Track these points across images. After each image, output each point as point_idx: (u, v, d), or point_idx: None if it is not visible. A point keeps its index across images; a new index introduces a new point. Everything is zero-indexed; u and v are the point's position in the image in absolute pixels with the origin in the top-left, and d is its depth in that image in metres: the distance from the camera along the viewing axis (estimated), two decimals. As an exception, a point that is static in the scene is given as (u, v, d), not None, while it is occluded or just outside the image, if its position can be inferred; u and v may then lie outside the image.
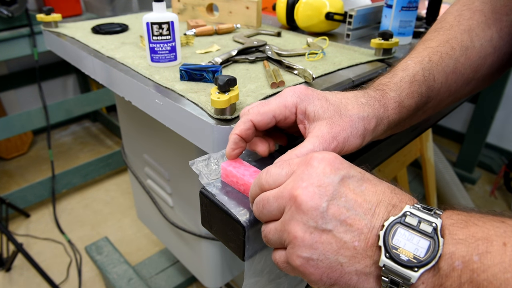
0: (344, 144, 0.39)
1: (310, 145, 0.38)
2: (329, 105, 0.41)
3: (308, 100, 0.41)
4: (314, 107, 0.40)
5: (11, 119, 1.67)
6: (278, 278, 0.45)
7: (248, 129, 0.41)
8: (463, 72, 0.49)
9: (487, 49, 0.49)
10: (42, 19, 0.93)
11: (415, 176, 2.06)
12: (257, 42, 0.78)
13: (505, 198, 2.04)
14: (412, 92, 0.45)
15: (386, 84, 0.45)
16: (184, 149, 0.79)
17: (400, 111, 0.44)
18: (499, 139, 2.28)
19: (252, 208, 0.37)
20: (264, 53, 0.75)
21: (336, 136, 0.39)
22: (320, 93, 0.42)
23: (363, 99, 0.42)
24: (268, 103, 0.42)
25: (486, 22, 0.49)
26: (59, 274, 1.56)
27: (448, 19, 0.52)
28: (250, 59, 0.73)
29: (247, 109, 0.43)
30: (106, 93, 1.97)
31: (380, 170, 1.14)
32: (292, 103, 0.41)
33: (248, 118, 0.41)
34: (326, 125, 0.39)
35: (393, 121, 0.44)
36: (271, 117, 0.41)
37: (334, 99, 0.41)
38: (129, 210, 1.90)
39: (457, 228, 0.28)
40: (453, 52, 0.48)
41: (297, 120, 0.42)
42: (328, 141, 0.38)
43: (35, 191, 1.82)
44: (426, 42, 0.50)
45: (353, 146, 0.40)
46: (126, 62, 0.72)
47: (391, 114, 0.43)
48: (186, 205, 0.90)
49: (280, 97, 0.42)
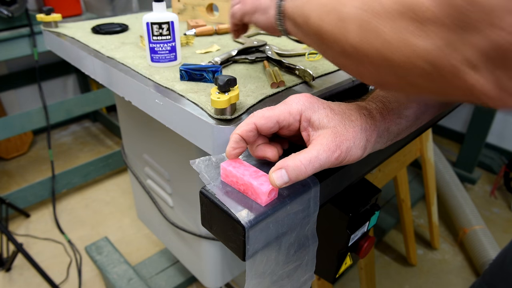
0: (346, 154, 0.40)
1: (315, 151, 0.38)
2: (334, 115, 0.41)
3: (313, 109, 0.41)
4: (319, 115, 0.41)
5: (11, 119, 1.67)
6: (280, 280, 0.45)
7: (250, 130, 0.41)
8: None
9: None
10: (42, 19, 0.93)
11: (415, 176, 2.06)
12: (257, 42, 0.78)
13: (505, 198, 2.04)
14: (411, 102, 0.45)
15: (385, 96, 0.46)
16: (184, 149, 0.79)
17: (400, 122, 0.45)
18: (499, 139, 2.28)
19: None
20: (264, 53, 0.75)
21: (340, 145, 0.39)
22: (324, 102, 0.43)
23: (365, 111, 0.43)
24: (273, 108, 0.42)
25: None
26: (59, 274, 1.56)
27: None
28: (250, 59, 0.73)
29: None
30: (106, 93, 1.97)
31: (380, 170, 1.13)
32: (297, 110, 0.41)
33: (252, 120, 0.42)
34: (331, 134, 0.40)
35: (393, 132, 0.45)
36: (275, 122, 0.41)
37: (338, 110, 0.42)
38: (129, 210, 1.90)
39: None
40: None
41: (301, 127, 0.42)
42: (332, 150, 0.39)
43: (35, 191, 1.82)
44: None
45: (355, 156, 0.41)
46: (126, 62, 0.72)
47: (391, 125, 0.44)
48: (186, 205, 0.90)
49: (285, 103, 0.42)
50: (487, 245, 1.56)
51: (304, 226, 0.44)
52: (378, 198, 0.64)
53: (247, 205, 0.40)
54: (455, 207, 1.74)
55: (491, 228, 1.76)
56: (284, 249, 0.43)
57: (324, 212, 0.61)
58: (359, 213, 0.61)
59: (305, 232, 0.45)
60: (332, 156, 0.39)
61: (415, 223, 1.85)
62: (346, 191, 0.56)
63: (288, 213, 0.41)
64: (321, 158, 0.38)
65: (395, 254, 1.69)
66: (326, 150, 0.39)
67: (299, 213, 0.43)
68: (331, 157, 0.39)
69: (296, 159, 0.38)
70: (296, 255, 0.45)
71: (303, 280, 0.48)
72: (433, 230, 1.68)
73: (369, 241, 0.65)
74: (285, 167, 0.38)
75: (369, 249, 0.66)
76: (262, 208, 0.39)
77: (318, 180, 0.44)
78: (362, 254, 0.66)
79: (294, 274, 0.46)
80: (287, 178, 0.38)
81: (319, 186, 0.44)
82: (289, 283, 0.45)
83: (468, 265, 1.65)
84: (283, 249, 0.43)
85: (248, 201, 0.40)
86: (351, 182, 0.55)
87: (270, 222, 0.39)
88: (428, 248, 1.73)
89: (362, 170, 0.57)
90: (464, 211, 1.71)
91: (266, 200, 0.39)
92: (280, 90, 0.62)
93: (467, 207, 1.72)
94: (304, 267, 0.47)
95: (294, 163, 0.38)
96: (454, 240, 1.77)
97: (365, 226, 0.63)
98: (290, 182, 0.38)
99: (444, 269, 1.63)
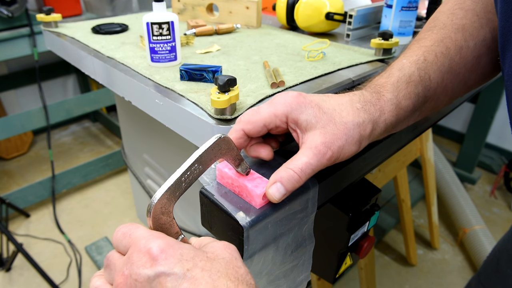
0: (339, 153, 0.39)
1: (305, 157, 0.38)
2: (322, 114, 0.40)
3: (299, 109, 0.40)
4: (306, 116, 0.40)
5: (11, 119, 1.67)
6: (277, 279, 0.45)
7: (240, 137, 0.41)
8: (458, 71, 0.48)
9: (481, 49, 0.49)
10: (42, 19, 0.93)
11: (415, 176, 2.06)
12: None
13: (505, 198, 2.04)
14: (409, 93, 0.44)
15: (382, 85, 0.45)
16: (184, 149, 0.79)
17: (398, 113, 0.44)
18: (499, 139, 2.28)
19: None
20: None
21: (330, 145, 0.38)
22: (313, 100, 0.41)
23: (358, 104, 0.41)
24: (259, 111, 0.41)
25: (479, 22, 0.49)
26: (59, 274, 1.56)
27: (440, 18, 0.51)
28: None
29: (240, 117, 0.43)
30: (106, 93, 1.97)
31: (380, 170, 1.13)
32: (282, 112, 0.40)
33: (240, 127, 0.41)
34: (319, 135, 0.39)
35: (390, 123, 0.44)
36: (262, 126, 0.41)
37: (328, 106, 0.41)
38: (129, 210, 1.90)
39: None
40: (447, 51, 0.47)
41: (289, 128, 0.41)
42: (322, 152, 0.38)
43: (35, 191, 1.82)
44: (420, 41, 0.50)
45: (349, 153, 0.40)
46: (126, 62, 0.72)
47: (388, 117, 0.43)
48: (186, 205, 0.90)
49: (270, 105, 0.41)
50: (487, 245, 1.56)
51: (301, 227, 0.44)
52: (378, 198, 0.64)
53: (246, 205, 0.40)
54: (455, 207, 1.74)
55: (491, 228, 1.76)
56: (281, 249, 0.43)
57: (324, 212, 0.61)
58: (359, 213, 0.61)
59: (302, 233, 0.45)
60: (323, 158, 0.38)
61: (415, 223, 1.85)
62: (346, 191, 0.56)
63: (286, 213, 0.41)
64: (312, 163, 0.38)
65: (395, 254, 1.69)
66: (316, 153, 0.38)
67: (297, 214, 0.43)
68: (322, 159, 0.38)
69: (288, 169, 0.38)
70: (293, 255, 0.45)
71: (299, 280, 0.48)
72: (433, 230, 1.68)
73: (369, 241, 0.65)
74: (279, 180, 0.37)
75: (369, 249, 0.66)
76: (260, 209, 0.39)
77: (317, 180, 0.44)
78: (362, 254, 0.66)
79: (290, 274, 0.46)
80: (284, 190, 0.37)
81: (317, 187, 0.44)
82: (286, 283, 0.45)
83: (468, 265, 1.65)
84: (280, 249, 0.43)
85: (246, 202, 0.40)
86: (351, 182, 0.55)
87: (268, 223, 0.39)
88: (428, 248, 1.73)
89: (362, 170, 0.57)
90: (464, 211, 1.71)
91: (261, 203, 0.39)
92: (280, 90, 0.62)
93: (467, 207, 1.72)
94: (300, 267, 0.47)
95: (287, 174, 0.37)
96: (454, 240, 1.77)
97: (365, 226, 0.63)
98: (288, 193, 0.38)
99: (444, 269, 1.63)
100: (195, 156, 0.35)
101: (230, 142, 0.38)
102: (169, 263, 0.29)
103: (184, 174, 0.34)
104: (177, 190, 0.34)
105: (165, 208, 0.33)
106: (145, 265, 0.29)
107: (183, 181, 0.34)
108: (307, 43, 0.83)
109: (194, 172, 0.35)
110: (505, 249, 0.63)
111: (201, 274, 0.29)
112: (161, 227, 0.33)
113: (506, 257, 0.62)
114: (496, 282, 0.64)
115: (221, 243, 0.33)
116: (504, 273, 0.62)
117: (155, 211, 0.32)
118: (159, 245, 0.29)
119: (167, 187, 0.33)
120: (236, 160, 0.39)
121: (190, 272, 0.29)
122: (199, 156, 0.35)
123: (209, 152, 0.36)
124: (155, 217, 0.32)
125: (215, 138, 0.37)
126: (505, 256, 0.63)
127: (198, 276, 0.29)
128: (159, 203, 0.32)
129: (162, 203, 0.33)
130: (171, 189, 0.33)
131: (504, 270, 0.62)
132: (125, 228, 0.32)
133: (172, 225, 0.34)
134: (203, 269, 0.29)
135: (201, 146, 0.36)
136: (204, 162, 0.36)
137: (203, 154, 0.36)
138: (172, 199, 0.33)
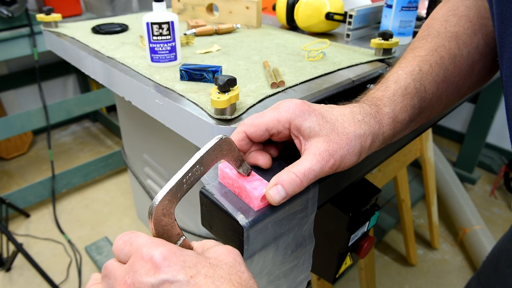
0: (341, 162, 0.39)
1: (308, 163, 0.38)
2: (325, 122, 0.40)
3: (303, 116, 0.40)
4: (310, 123, 0.40)
5: (11, 119, 1.67)
6: (277, 279, 0.45)
7: (242, 139, 0.41)
8: (453, 80, 0.49)
9: (475, 56, 0.49)
10: (42, 19, 0.93)
11: (415, 176, 2.06)
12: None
13: (505, 198, 2.04)
14: (405, 106, 0.45)
15: (380, 99, 0.45)
16: (184, 149, 0.79)
17: (395, 126, 0.44)
18: (499, 139, 2.28)
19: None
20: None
21: (333, 154, 0.39)
22: (316, 108, 0.41)
23: (359, 116, 0.42)
24: (263, 116, 0.41)
25: (472, 28, 0.49)
26: (59, 274, 1.56)
27: (434, 26, 0.51)
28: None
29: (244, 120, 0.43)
30: (106, 93, 1.97)
31: (380, 170, 1.14)
32: (285, 118, 0.40)
33: (242, 129, 0.41)
34: (323, 142, 0.39)
35: (388, 136, 0.44)
36: (264, 130, 0.41)
37: (330, 116, 0.41)
38: (129, 210, 1.90)
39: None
40: (442, 61, 0.48)
41: (292, 135, 0.42)
42: (326, 159, 0.38)
43: (35, 191, 1.82)
44: (415, 51, 0.50)
45: (349, 163, 0.40)
46: (126, 62, 0.72)
47: (386, 130, 0.43)
48: (186, 205, 0.90)
49: (274, 110, 0.41)
50: (487, 245, 1.56)
51: (301, 227, 0.44)
52: (378, 198, 0.64)
53: (246, 205, 0.40)
54: (455, 207, 1.74)
55: (491, 228, 1.76)
56: (281, 249, 0.43)
57: (324, 212, 0.61)
58: (359, 213, 0.61)
59: (302, 232, 0.45)
60: (326, 166, 0.38)
61: (415, 223, 1.85)
62: (346, 191, 0.56)
63: (286, 213, 0.41)
64: (315, 169, 0.38)
65: (395, 254, 1.69)
66: (320, 160, 0.38)
67: (297, 214, 0.43)
68: (325, 166, 0.38)
69: (291, 173, 0.38)
70: (293, 255, 0.45)
71: (299, 280, 0.48)
72: (433, 230, 1.68)
73: (369, 241, 0.65)
74: (280, 182, 0.37)
75: (369, 249, 0.66)
76: (260, 210, 0.39)
77: (317, 181, 0.44)
78: (362, 254, 0.66)
79: (290, 274, 0.46)
80: (284, 193, 0.37)
81: (317, 187, 0.44)
82: (286, 283, 0.45)
83: (468, 265, 1.65)
84: (280, 249, 0.43)
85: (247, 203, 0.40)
86: (351, 182, 0.55)
87: (268, 223, 0.39)
88: (428, 248, 1.73)
89: (362, 170, 0.57)
90: (464, 211, 1.71)
91: (259, 205, 0.39)
92: (280, 90, 0.62)
93: (467, 207, 1.72)
94: (300, 267, 0.47)
95: (289, 177, 0.37)
96: (454, 240, 1.77)
97: (365, 226, 0.63)
98: (287, 197, 0.38)
99: (444, 269, 1.63)
100: (196, 158, 0.35)
101: (231, 143, 0.38)
102: (172, 270, 0.29)
103: (185, 175, 0.34)
104: (178, 192, 0.33)
105: (166, 209, 0.33)
106: (148, 273, 0.28)
107: (184, 182, 0.34)
108: (307, 43, 0.83)
109: (196, 173, 0.35)
110: (504, 249, 0.63)
111: (204, 281, 0.29)
112: (162, 228, 0.33)
113: (506, 257, 0.62)
114: (496, 282, 0.64)
115: (224, 247, 0.33)
116: (504, 273, 0.62)
117: (156, 212, 0.32)
118: (161, 252, 0.29)
119: (169, 189, 0.33)
120: (237, 161, 0.39)
121: (193, 279, 0.29)
122: (200, 158, 0.35)
123: (210, 153, 0.36)
124: (156, 218, 0.32)
125: (216, 139, 0.37)
126: (504, 256, 0.63)
127: (201, 283, 0.29)
128: (160, 205, 0.32)
129: (163, 205, 0.32)
130: (172, 190, 0.33)
131: (503, 270, 0.62)
132: (126, 236, 0.32)
133: (173, 227, 0.34)
134: (206, 275, 0.29)
135: (202, 147, 0.36)
136: (205, 163, 0.36)
137: (204, 155, 0.35)
138: (173, 201, 0.33)
